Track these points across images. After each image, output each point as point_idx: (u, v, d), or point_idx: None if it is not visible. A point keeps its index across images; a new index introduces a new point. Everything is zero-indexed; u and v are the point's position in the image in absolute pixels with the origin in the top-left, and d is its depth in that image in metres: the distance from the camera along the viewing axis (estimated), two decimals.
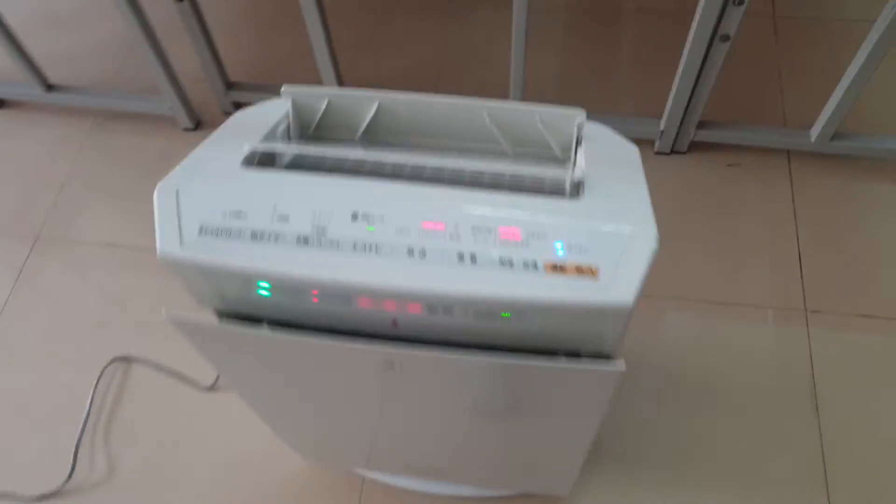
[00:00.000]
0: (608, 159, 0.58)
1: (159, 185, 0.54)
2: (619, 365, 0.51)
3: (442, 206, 0.51)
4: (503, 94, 1.34)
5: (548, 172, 0.55)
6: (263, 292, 0.54)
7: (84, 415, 1.12)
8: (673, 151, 1.38)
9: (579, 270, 0.49)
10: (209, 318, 0.56)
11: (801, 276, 1.21)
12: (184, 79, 1.41)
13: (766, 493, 1.01)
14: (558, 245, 0.49)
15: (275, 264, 0.50)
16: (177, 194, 0.53)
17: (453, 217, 0.51)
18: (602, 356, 0.56)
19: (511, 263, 0.49)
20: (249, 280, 0.53)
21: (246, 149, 0.57)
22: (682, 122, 1.29)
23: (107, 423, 1.12)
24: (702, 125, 1.32)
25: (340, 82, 1.36)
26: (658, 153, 1.38)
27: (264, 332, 0.56)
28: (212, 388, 1.14)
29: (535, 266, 0.49)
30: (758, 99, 1.46)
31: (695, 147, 1.38)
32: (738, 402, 1.09)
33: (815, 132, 1.29)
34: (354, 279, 0.50)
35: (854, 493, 1.01)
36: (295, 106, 0.64)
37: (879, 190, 1.32)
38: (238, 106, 1.48)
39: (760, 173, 1.35)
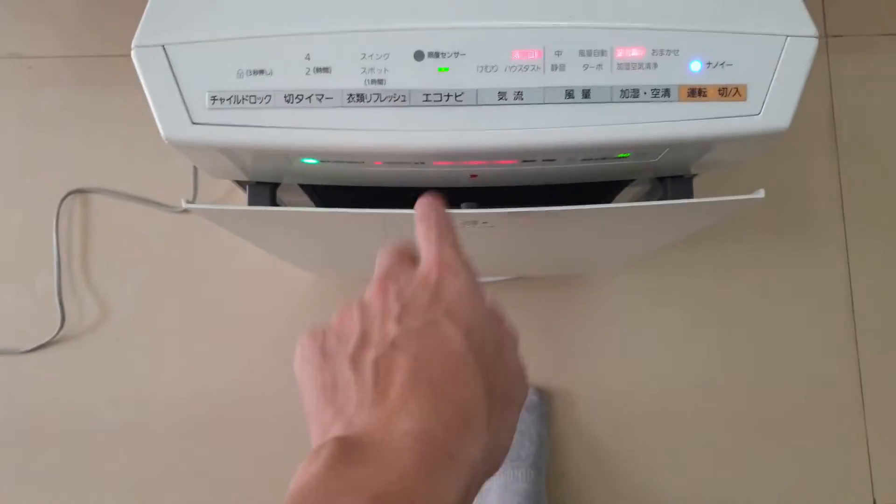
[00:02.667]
0: None
1: (135, 40, 0.39)
2: (760, 193, 0.43)
3: (532, 25, 0.38)
4: None
5: None
6: (310, 162, 0.42)
7: (55, 259, 1.01)
8: None
9: (723, 93, 0.38)
10: (239, 207, 0.45)
11: (822, 1, 1.10)
12: None
13: (783, 235, 1.01)
14: (695, 62, 0.38)
15: (324, 136, 0.38)
16: (165, 52, 0.38)
17: (551, 39, 0.38)
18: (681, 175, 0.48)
19: (636, 93, 0.38)
20: (290, 156, 0.41)
21: None
22: None
23: (82, 264, 1.02)
24: None
25: None
26: None
27: (311, 210, 0.45)
28: (187, 209, 1.02)
29: (667, 93, 0.38)
30: None
31: None
32: None
33: None
34: (432, 143, 0.38)
35: (870, 223, 1.01)
36: None
37: None
38: None
39: None
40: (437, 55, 0.38)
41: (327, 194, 0.58)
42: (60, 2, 1.07)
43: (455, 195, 0.48)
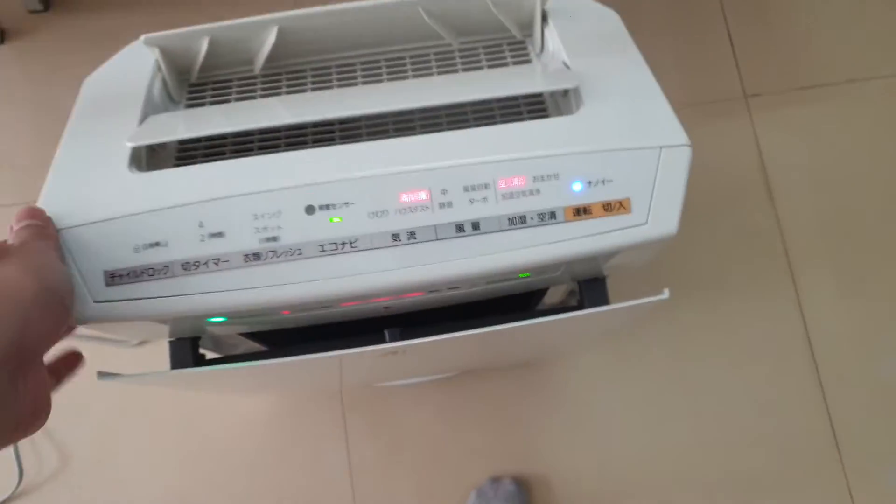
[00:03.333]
0: (590, 40, 0.46)
1: None
2: (666, 293, 0.43)
3: (414, 167, 0.40)
4: None
5: (527, 83, 0.42)
6: (218, 320, 0.42)
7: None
8: None
9: (607, 209, 0.39)
10: (161, 371, 0.44)
11: (736, 62, 1.15)
12: None
13: (732, 294, 1.02)
14: (576, 183, 0.39)
15: (224, 298, 0.39)
16: (58, 235, 0.39)
17: (435, 179, 0.39)
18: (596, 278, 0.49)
19: (523, 220, 0.39)
20: (196, 319, 0.41)
21: (128, 148, 0.41)
22: None
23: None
24: None
25: None
26: None
27: (227, 367, 0.45)
28: (142, 342, 1.01)
29: (553, 216, 0.39)
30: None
31: None
32: (693, 205, 1.07)
33: None
34: (333, 290, 0.39)
35: (817, 270, 1.03)
36: (165, 54, 0.47)
37: None
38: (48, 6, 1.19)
39: None
40: (327, 207, 0.39)
41: (269, 335, 0.58)
42: None
43: (381, 323, 0.48)
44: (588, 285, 0.48)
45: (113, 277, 0.39)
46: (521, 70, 0.48)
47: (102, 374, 0.43)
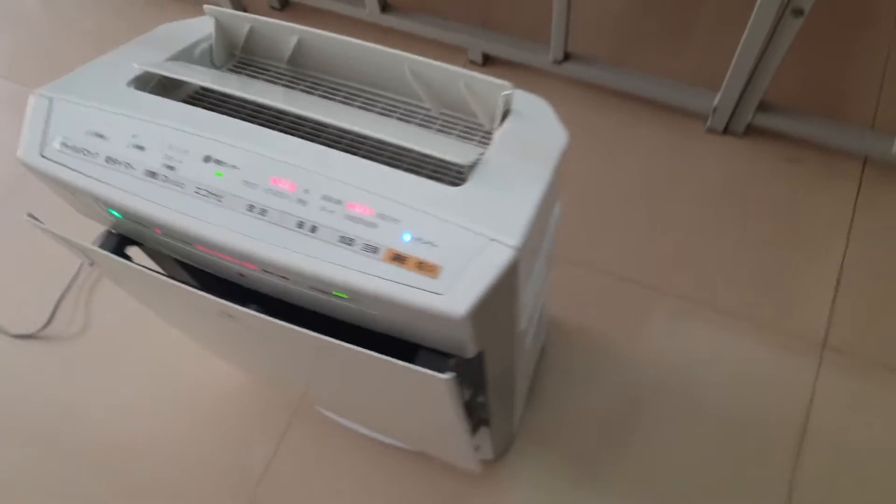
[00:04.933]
0: (525, 144, 0.50)
1: (39, 89, 0.51)
2: (447, 375, 0.45)
3: (303, 165, 0.46)
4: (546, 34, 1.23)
5: (436, 149, 0.48)
6: (115, 214, 0.51)
7: (72, 275, 1.18)
8: (727, 131, 1.23)
9: (420, 266, 0.43)
10: (79, 242, 0.54)
11: (833, 305, 1.07)
12: None
13: None
14: (407, 234, 0.44)
15: (115, 192, 0.48)
16: (50, 102, 0.51)
17: (308, 179, 0.46)
18: (462, 356, 0.51)
19: (351, 242, 0.44)
20: (99, 205, 0.50)
21: (135, 68, 0.53)
22: (739, 100, 1.15)
23: (91, 288, 1.18)
24: (764, 108, 1.17)
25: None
26: (710, 131, 1.24)
27: (117, 259, 0.54)
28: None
29: (375, 250, 0.44)
30: (845, 90, 1.28)
31: (753, 132, 1.23)
32: (708, 423, 1.00)
33: None
34: (182, 223, 0.46)
35: None
36: (219, 27, 0.59)
37: None
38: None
39: (824, 178, 1.19)
40: (218, 162, 0.47)
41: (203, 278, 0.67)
42: None
43: (258, 300, 0.54)
44: (432, 354, 0.51)
45: (63, 146, 0.49)
46: (449, 140, 0.53)
47: (31, 217, 0.54)
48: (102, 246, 0.57)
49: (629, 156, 1.24)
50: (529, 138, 0.51)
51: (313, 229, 0.45)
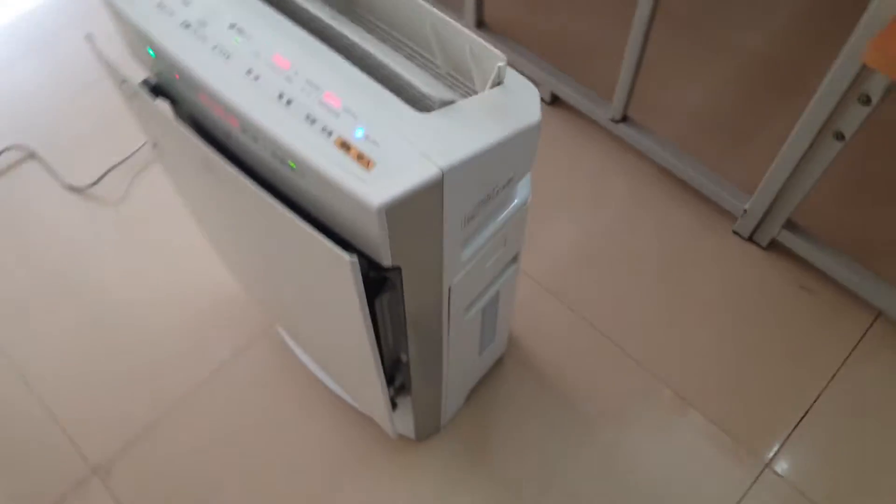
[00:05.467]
0: (498, 108, 0.57)
1: None
2: (350, 255, 0.51)
3: (304, 54, 0.54)
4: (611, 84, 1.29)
5: (415, 76, 0.55)
6: (151, 53, 0.60)
7: (133, 150, 1.34)
8: (751, 239, 1.26)
9: (359, 157, 0.50)
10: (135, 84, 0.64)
11: (790, 433, 1.06)
12: None
13: None
14: (360, 130, 0.51)
15: (155, 31, 0.57)
16: None
17: (303, 64, 0.54)
18: (380, 266, 0.57)
19: (313, 122, 0.51)
20: (141, 38, 0.59)
21: None
22: (768, 210, 1.17)
23: (142, 168, 1.32)
24: (793, 227, 1.19)
25: None
26: (735, 233, 1.27)
27: (138, 88, 0.63)
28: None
29: (329, 134, 0.51)
30: (879, 238, 1.28)
31: (776, 248, 1.25)
32: (628, 493, 1.01)
33: None
34: (191, 67, 0.55)
35: None
36: None
37: None
38: None
39: (831, 316, 1.17)
40: (240, 31, 0.55)
41: None
42: None
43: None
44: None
45: None
46: (432, 79, 0.60)
47: (89, 39, 0.63)
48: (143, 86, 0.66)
49: (652, 228, 1.28)
50: (505, 105, 0.58)
51: (289, 102, 0.52)
